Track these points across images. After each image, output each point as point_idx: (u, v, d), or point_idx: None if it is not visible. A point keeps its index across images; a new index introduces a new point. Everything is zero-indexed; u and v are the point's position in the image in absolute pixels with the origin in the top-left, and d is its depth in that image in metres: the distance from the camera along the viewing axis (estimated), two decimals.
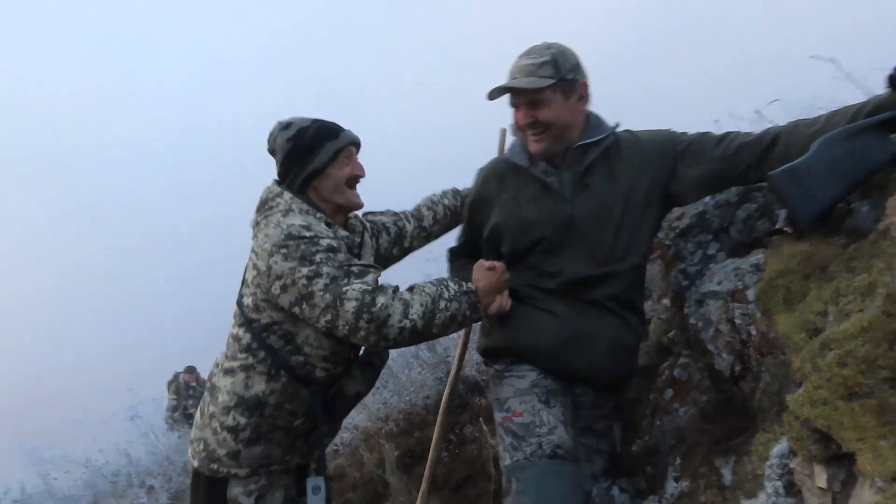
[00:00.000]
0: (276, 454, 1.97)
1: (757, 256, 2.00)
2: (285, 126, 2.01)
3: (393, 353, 3.27)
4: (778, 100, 2.37)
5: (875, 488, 1.24)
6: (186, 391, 9.85)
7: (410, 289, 1.83)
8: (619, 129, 2.06)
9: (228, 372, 1.94)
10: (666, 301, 2.48)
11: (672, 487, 1.96)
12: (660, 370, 2.46)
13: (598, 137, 1.99)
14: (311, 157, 1.98)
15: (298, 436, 1.99)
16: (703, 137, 1.98)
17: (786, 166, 1.62)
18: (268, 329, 1.89)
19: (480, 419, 3.59)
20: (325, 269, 1.78)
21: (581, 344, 1.94)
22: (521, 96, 1.98)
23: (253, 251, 1.93)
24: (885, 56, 1.80)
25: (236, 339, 1.95)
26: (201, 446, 1.96)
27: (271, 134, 2.03)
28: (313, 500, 1.96)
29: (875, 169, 1.58)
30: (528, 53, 2.00)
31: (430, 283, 1.85)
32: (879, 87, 1.67)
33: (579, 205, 1.97)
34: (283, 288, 1.81)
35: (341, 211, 2.05)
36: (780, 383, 1.61)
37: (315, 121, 2.02)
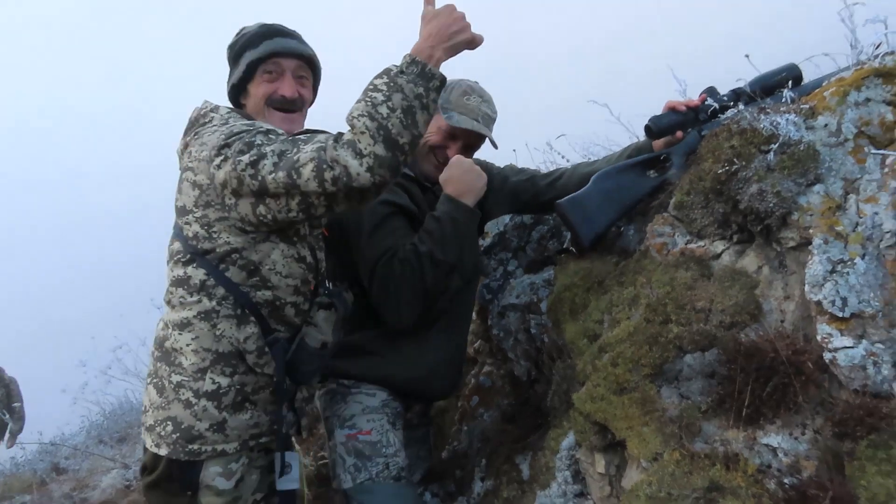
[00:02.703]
0: (264, 422, 1.61)
1: (548, 272, 2.26)
2: (239, 31, 1.77)
3: None
4: (564, 135, 2.71)
5: (640, 468, 1.48)
6: None
7: (350, 124, 1.46)
8: None
9: (184, 326, 1.56)
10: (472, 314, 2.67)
11: (478, 487, 2.11)
12: (467, 379, 2.64)
13: None
14: (234, 69, 1.73)
15: (284, 400, 1.66)
16: (508, 168, 2.29)
17: (569, 196, 1.88)
18: (226, 259, 1.56)
19: (293, 439, 3.52)
20: (268, 149, 1.47)
21: (441, 372, 1.99)
22: (471, 138, 2.03)
23: (188, 170, 1.60)
24: (645, 103, 2.17)
25: (182, 281, 1.58)
26: (169, 427, 1.54)
27: None
28: (282, 482, 1.62)
29: (638, 199, 1.90)
30: (486, 101, 2.04)
31: (358, 100, 1.48)
32: (640, 130, 2.00)
33: None
34: (236, 193, 1.50)
35: None
36: (568, 384, 1.83)
37: (261, 26, 1.74)
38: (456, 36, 1.53)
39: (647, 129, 1.91)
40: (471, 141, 2.04)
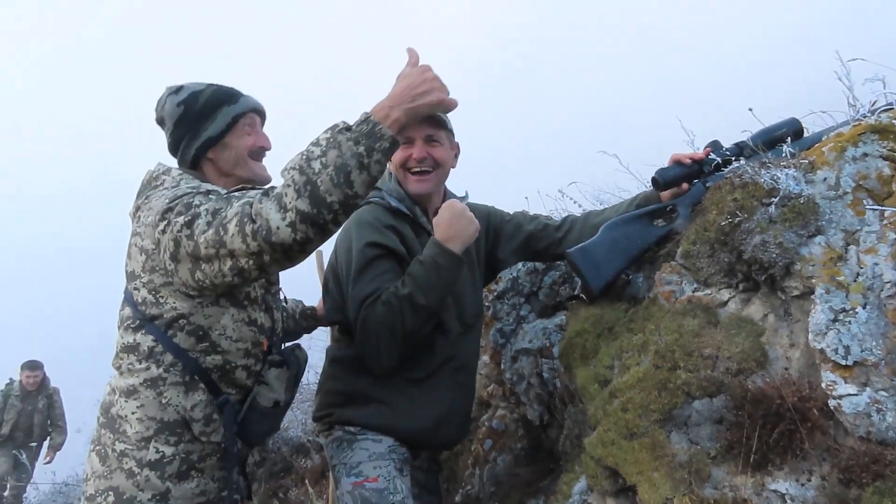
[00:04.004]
0: (211, 489, 1.58)
1: (560, 317, 2.31)
2: (175, 90, 1.74)
3: None
4: (575, 182, 2.80)
5: None
6: (25, 399, 6.82)
7: (282, 175, 1.46)
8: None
9: (131, 393, 1.55)
10: (485, 358, 2.72)
11: None
12: (480, 422, 2.67)
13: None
14: (206, 122, 1.71)
15: (234, 465, 1.63)
16: (521, 215, 2.29)
17: (579, 245, 1.95)
18: (173, 325, 1.55)
19: (306, 481, 3.54)
20: (202, 209, 1.47)
21: (448, 421, 1.99)
22: (422, 128, 1.95)
23: (136, 234, 1.61)
24: (653, 153, 2.26)
25: (132, 348, 1.58)
26: (111, 498, 1.51)
27: (159, 101, 1.76)
28: None
29: (645, 248, 1.96)
30: None
31: (299, 152, 1.46)
32: (649, 179, 2.08)
33: None
34: (174, 258, 1.49)
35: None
36: (580, 428, 1.86)
37: (210, 84, 1.75)
38: (420, 98, 1.48)
39: (654, 180, 1.99)
40: (422, 130, 1.95)
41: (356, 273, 1.89)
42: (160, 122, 1.77)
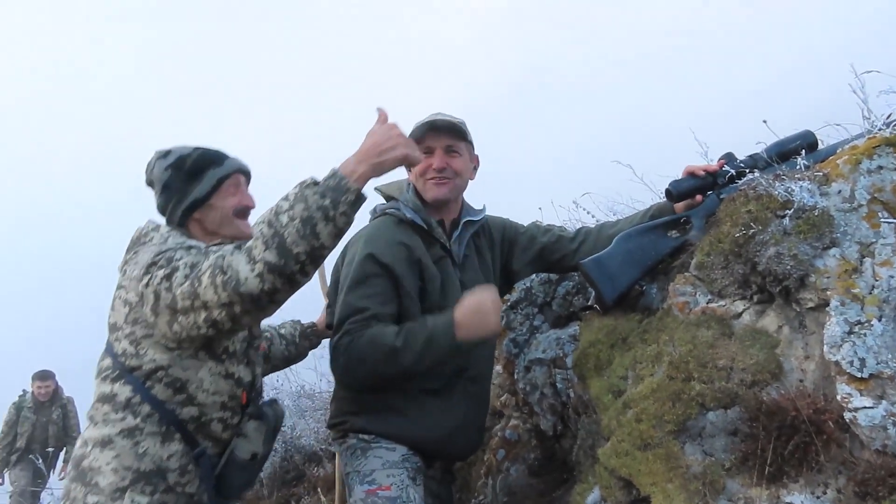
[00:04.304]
0: None
1: (574, 328, 2.32)
2: (163, 154, 1.81)
3: None
4: (589, 193, 2.81)
5: None
6: (38, 410, 6.63)
7: (253, 230, 1.55)
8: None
9: (105, 443, 1.57)
10: (498, 367, 2.72)
11: None
12: (493, 432, 2.68)
13: (479, 218, 2.17)
14: (193, 185, 1.77)
15: None
16: (534, 227, 2.31)
17: (593, 256, 1.97)
18: (151, 377, 1.58)
19: (318, 490, 3.54)
20: (181, 262, 1.54)
21: (462, 431, 2.00)
22: (441, 139, 2.01)
23: (120, 287, 1.67)
24: (667, 163, 2.27)
25: (108, 398, 1.61)
26: None
27: (149, 164, 1.83)
28: None
29: (659, 259, 1.97)
30: (440, 113, 2.04)
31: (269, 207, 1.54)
32: (663, 190, 2.09)
33: (465, 274, 2.09)
34: (154, 310, 1.55)
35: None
36: (593, 439, 1.87)
37: (197, 148, 1.82)
38: (386, 153, 1.55)
39: (668, 192, 2.00)
40: (441, 140, 2.01)
41: (352, 282, 1.94)
42: (150, 184, 1.84)
